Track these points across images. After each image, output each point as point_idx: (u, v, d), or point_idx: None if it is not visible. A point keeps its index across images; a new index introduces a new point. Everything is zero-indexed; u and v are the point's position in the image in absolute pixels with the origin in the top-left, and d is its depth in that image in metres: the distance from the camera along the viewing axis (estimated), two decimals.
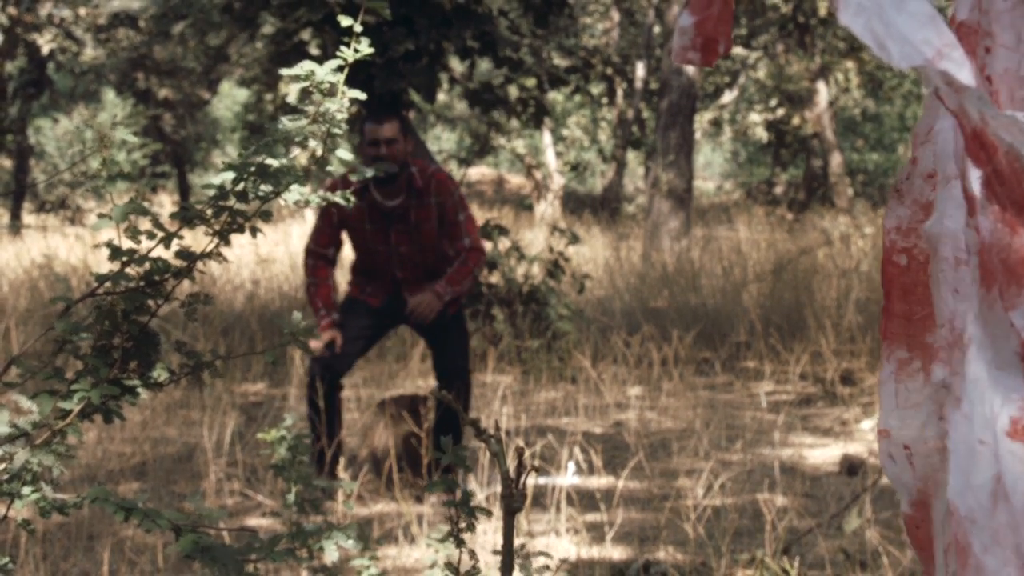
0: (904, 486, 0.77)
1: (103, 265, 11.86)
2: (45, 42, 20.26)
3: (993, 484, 0.72)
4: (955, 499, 0.73)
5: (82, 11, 21.38)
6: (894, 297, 0.77)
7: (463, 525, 3.70)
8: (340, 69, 3.24)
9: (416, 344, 9.17)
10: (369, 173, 5.78)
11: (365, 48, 3.29)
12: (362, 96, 3.27)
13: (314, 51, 12.48)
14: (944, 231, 0.74)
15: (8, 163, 27.56)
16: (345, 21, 3.42)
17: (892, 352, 0.77)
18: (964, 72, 0.73)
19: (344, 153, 3.23)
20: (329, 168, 3.14)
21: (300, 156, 3.15)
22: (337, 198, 4.34)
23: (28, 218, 28.20)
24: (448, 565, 3.60)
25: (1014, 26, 0.80)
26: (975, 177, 0.73)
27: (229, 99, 36.30)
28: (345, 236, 6.27)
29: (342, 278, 7.91)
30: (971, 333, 0.73)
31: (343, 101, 3.18)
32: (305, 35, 12.64)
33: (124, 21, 22.72)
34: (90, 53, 24.15)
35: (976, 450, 0.73)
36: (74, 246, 16.28)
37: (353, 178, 6.00)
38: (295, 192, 3.04)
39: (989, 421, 0.72)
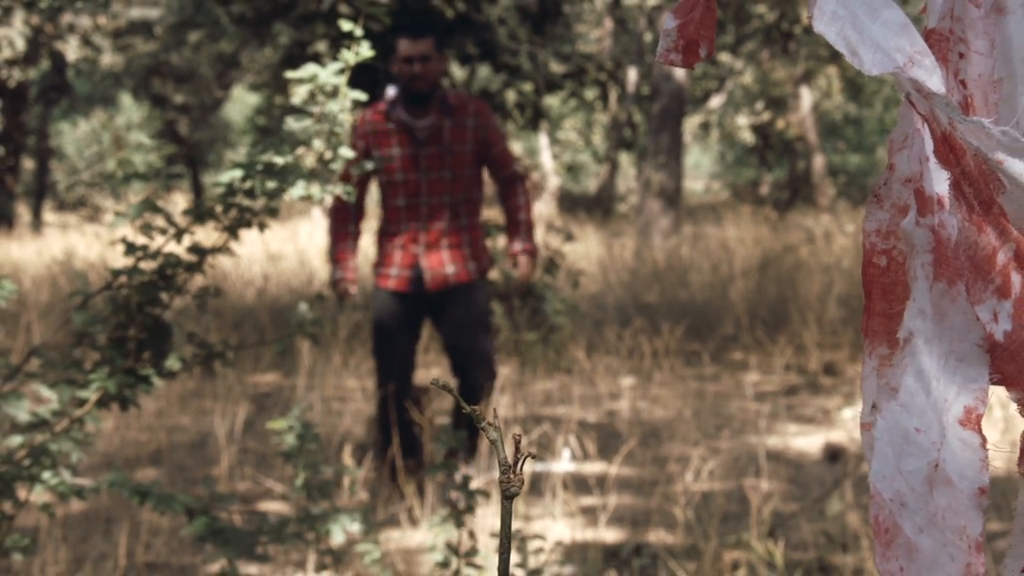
0: None
1: (120, 261, 11.86)
2: (71, 50, 20.27)
3: (929, 470, 0.73)
4: (878, 483, 0.74)
5: (101, 20, 21.37)
6: (875, 297, 0.77)
7: (462, 506, 3.71)
8: (342, 72, 3.25)
9: None
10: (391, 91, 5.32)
11: (365, 51, 3.30)
12: (363, 97, 3.29)
13: (327, 62, 12.50)
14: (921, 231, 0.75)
15: (30, 164, 27.54)
16: (346, 26, 3.43)
17: (874, 349, 0.77)
18: (934, 79, 0.73)
19: (346, 152, 3.24)
20: (333, 167, 3.15)
21: (306, 156, 3.16)
22: (343, 181, 4.24)
23: (49, 216, 28.19)
24: (448, 545, 3.62)
25: (987, 33, 0.81)
26: (939, 179, 0.73)
27: (240, 103, 36.29)
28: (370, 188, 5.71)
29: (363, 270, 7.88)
30: (913, 327, 0.74)
31: (345, 102, 3.19)
32: (321, 47, 12.64)
33: (141, 29, 22.70)
34: (108, 59, 24.13)
35: (911, 438, 0.73)
36: (92, 243, 16.28)
37: (388, 95, 5.44)
38: (300, 187, 3.05)
39: (934, 410, 0.73)
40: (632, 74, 24.08)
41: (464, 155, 5.48)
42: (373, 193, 6.78)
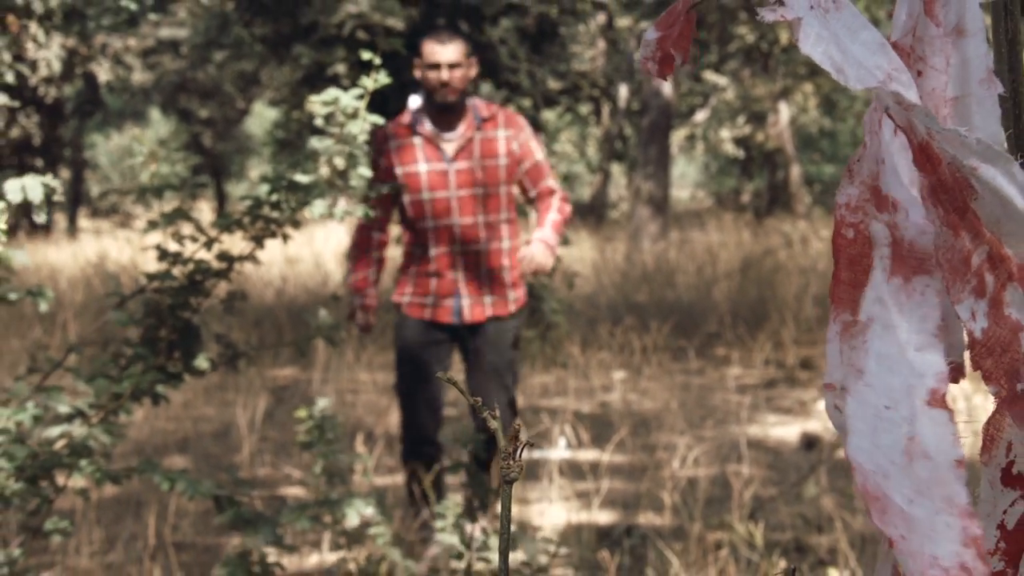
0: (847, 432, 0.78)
1: (150, 264, 11.86)
2: (103, 72, 20.29)
3: (905, 443, 0.73)
4: (857, 456, 0.74)
5: (131, 42, 21.38)
6: (841, 266, 0.78)
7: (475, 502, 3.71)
8: (360, 97, 3.26)
9: None
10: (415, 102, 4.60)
11: (383, 79, 3.31)
12: (381, 121, 3.29)
13: (345, 82, 12.51)
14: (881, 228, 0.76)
15: (66, 174, 27.55)
16: (366, 55, 3.44)
17: (838, 315, 0.78)
18: (911, 92, 0.73)
19: (364, 171, 3.24)
20: (352, 184, 3.15)
21: (324, 171, 3.17)
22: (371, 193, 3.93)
23: (83, 222, 28.19)
24: (456, 524, 3.61)
25: (943, 51, 0.81)
26: (894, 182, 0.74)
27: (260, 117, 36.30)
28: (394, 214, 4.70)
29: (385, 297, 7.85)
30: (872, 313, 0.75)
31: (364, 125, 3.20)
32: (340, 68, 12.64)
33: (169, 49, 22.71)
34: (138, 77, 24.14)
35: (881, 415, 0.74)
36: (124, 247, 16.28)
37: (411, 107, 4.59)
38: (320, 205, 3.06)
39: (899, 391, 0.74)
40: (623, 91, 24.09)
41: (496, 169, 4.58)
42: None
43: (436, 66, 4.46)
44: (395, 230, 7.47)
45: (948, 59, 0.81)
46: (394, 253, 8.20)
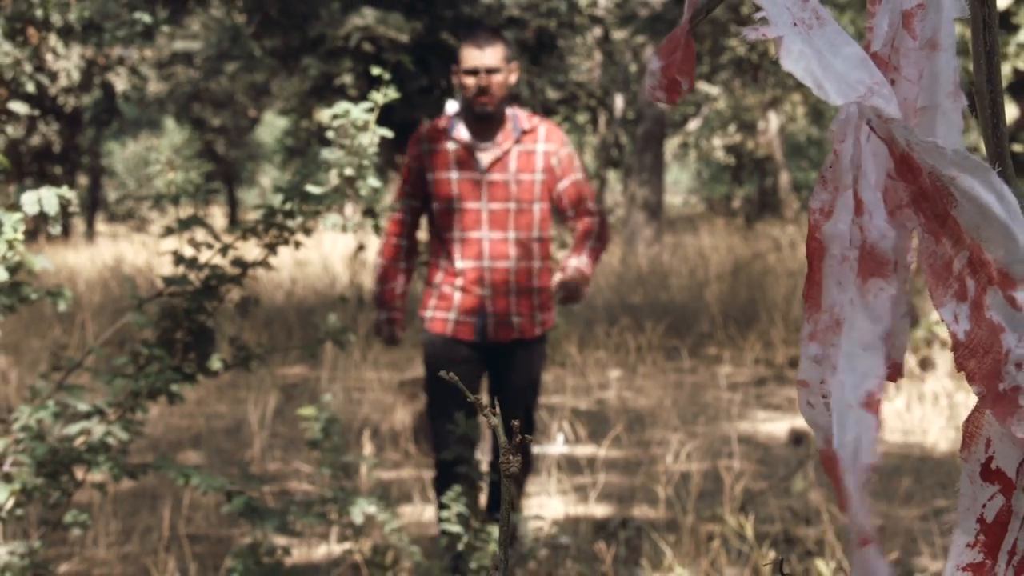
0: (820, 427, 0.79)
1: (165, 267, 11.87)
2: (120, 82, 20.33)
3: (855, 443, 0.74)
4: (839, 450, 0.75)
5: (147, 53, 21.40)
6: (815, 267, 0.79)
7: (469, 486, 3.72)
8: (371, 110, 3.27)
9: None
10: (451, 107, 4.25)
11: (393, 93, 3.32)
12: (390, 134, 3.30)
13: (352, 92, 12.51)
14: (836, 233, 0.77)
15: (84, 180, 27.57)
16: (375, 70, 3.45)
17: (812, 314, 0.79)
18: (892, 106, 0.74)
19: (373, 181, 3.25)
20: (362, 194, 3.17)
21: (334, 180, 3.18)
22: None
23: (100, 227, 28.20)
24: (459, 516, 3.62)
25: (918, 63, 0.82)
26: (865, 186, 0.75)
27: (271, 126, 36.31)
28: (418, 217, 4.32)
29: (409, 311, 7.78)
30: (843, 314, 0.77)
31: (374, 137, 3.22)
32: (347, 79, 12.64)
33: (183, 60, 22.72)
34: (154, 87, 24.14)
35: (845, 412, 0.75)
36: (140, 251, 16.28)
37: (449, 112, 4.19)
38: (333, 218, 3.08)
39: (854, 390, 0.75)
40: (619, 101, 24.09)
41: (531, 184, 4.17)
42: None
43: (474, 71, 4.07)
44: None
45: (921, 71, 0.81)
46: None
